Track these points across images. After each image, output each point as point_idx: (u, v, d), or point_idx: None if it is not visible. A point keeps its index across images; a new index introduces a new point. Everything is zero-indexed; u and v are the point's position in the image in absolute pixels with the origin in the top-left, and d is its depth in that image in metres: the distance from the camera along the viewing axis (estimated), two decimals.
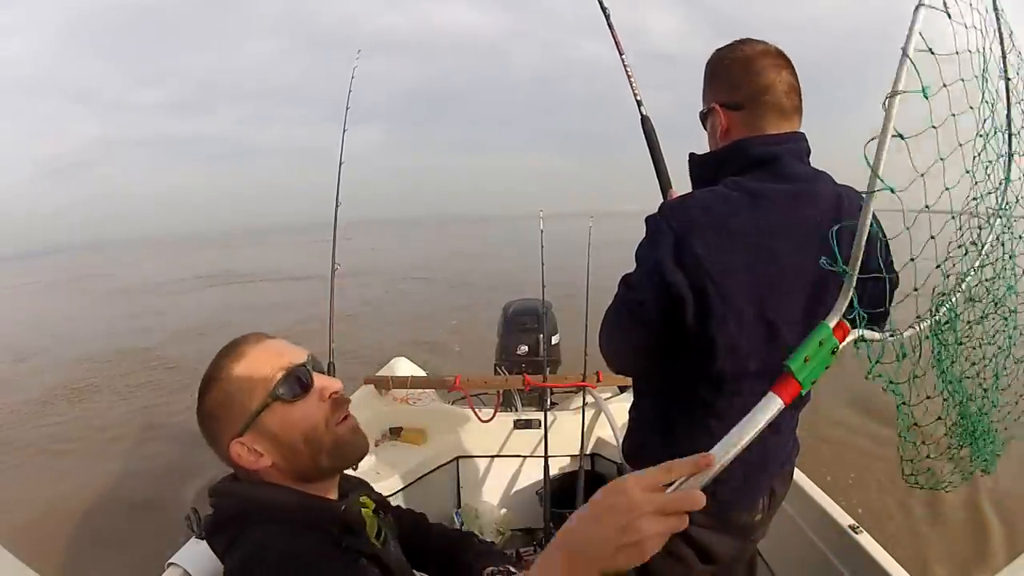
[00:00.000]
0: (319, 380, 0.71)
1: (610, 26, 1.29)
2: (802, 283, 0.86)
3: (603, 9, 1.31)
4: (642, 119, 1.22)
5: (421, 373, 2.94)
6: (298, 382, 0.69)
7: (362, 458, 0.75)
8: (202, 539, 1.22)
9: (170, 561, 1.27)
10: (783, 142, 0.88)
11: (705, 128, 0.98)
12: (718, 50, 0.93)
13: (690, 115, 1.02)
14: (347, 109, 2.13)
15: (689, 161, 0.98)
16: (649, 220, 0.89)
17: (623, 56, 1.25)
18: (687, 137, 1.06)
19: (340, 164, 2.07)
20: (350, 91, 2.14)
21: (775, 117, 0.89)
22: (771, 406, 0.54)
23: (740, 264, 0.83)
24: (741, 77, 0.89)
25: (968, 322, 0.80)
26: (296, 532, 0.66)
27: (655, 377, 1.00)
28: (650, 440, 1.03)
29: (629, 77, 1.23)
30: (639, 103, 1.22)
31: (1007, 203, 0.78)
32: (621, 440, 1.14)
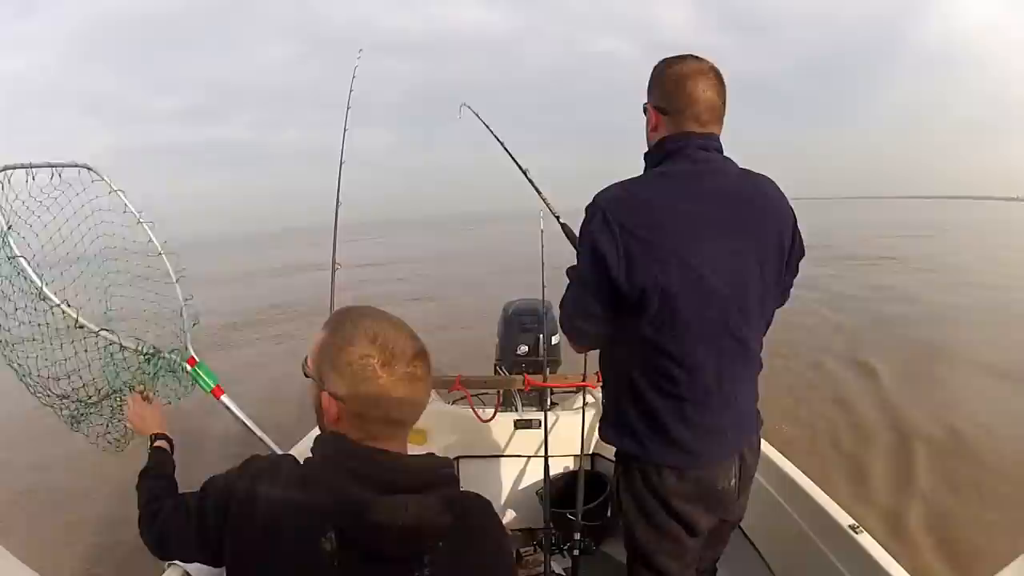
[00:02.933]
0: None
1: (530, 180, 1.84)
2: (710, 235, 1.05)
3: (523, 171, 1.84)
4: (562, 227, 1.66)
5: None
6: None
7: None
8: None
9: (170, 561, 1.27)
10: (689, 138, 1.09)
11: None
12: (663, 60, 1.13)
13: None
14: (348, 109, 2.14)
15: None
16: (586, 208, 1.09)
17: (543, 195, 1.83)
18: None
19: (340, 164, 2.07)
20: (351, 91, 2.14)
21: (693, 125, 1.09)
22: None
23: (658, 224, 1.04)
24: (671, 90, 1.10)
25: None
26: None
27: (614, 353, 1.17)
28: (622, 404, 1.16)
29: (549, 207, 1.81)
30: (557, 217, 1.73)
31: None
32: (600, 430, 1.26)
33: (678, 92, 1.08)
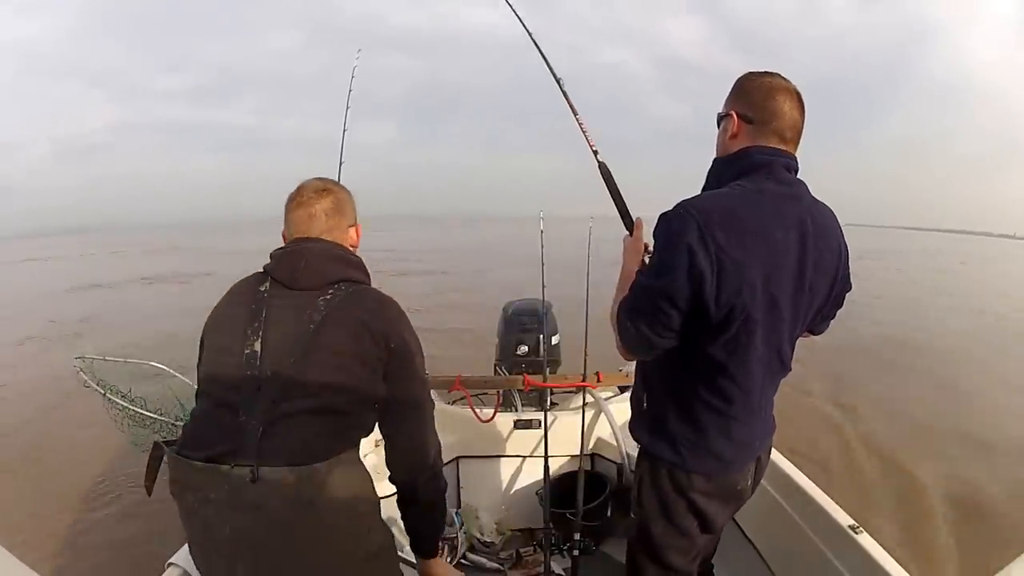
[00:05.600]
0: None
1: (564, 92, 1.48)
2: (790, 264, 1.05)
3: (557, 80, 1.49)
4: (599, 165, 1.38)
5: None
6: None
7: None
8: None
9: (170, 561, 1.27)
10: (777, 155, 1.08)
11: (718, 127, 1.16)
12: (753, 72, 1.12)
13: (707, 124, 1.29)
14: (347, 109, 2.13)
15: (712, 162, 1.17)
16: (670, 215, 1.03)
17: (577, 116, 1.45)
18: (706, 144, 1.29)
19: (340, 164, 2.07)
20: (350, 91, 2.14)
21: (774, 140, 1.08)
22: None
23: (750, 246, 1.00)
24: (761, 100, 1.08)
25: None
26: None
27: (668, 364, 1.12)
28: (665, 412, 1.15)
29: (584, 133, 1.43)
30: (595, 152, 1.40)
31: None
32: (624, 433, 1.28)
33: (767, 104, 1.08)
